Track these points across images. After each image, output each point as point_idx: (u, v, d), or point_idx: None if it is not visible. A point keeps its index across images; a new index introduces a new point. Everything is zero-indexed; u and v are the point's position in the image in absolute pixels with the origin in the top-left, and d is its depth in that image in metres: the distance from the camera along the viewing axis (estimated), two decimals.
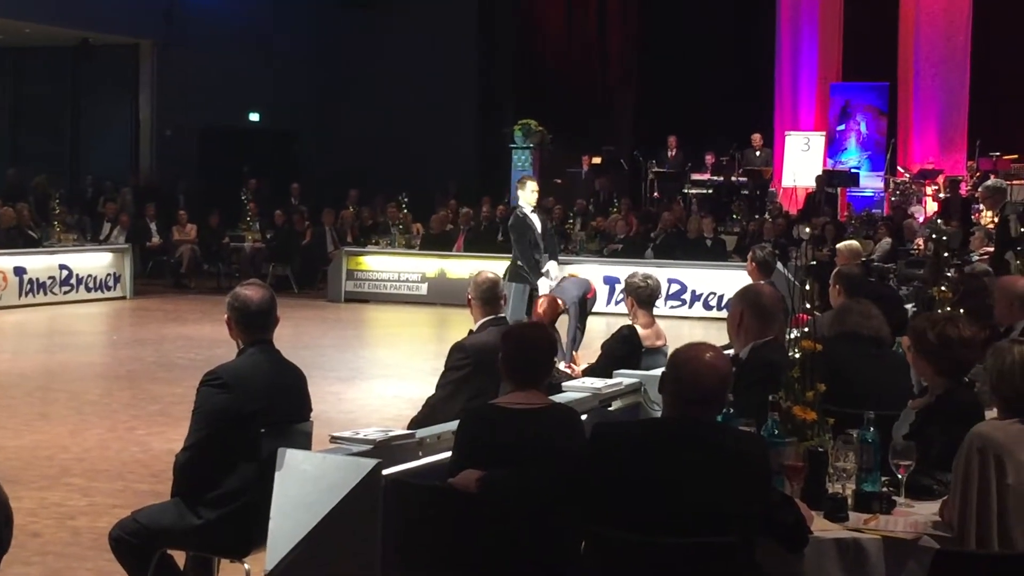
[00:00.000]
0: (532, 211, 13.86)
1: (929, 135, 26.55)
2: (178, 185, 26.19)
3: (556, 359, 5.54)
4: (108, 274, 20.34)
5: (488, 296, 7.31)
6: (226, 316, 5.66)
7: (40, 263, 19.36)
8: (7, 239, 19.54)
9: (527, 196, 13.91)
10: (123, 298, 20.37)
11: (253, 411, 5.39)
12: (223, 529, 5.38)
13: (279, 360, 5.71)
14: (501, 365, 5.25)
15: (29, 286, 19.04)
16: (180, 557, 5.69)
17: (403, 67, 28.25)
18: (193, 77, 26.39)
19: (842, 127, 26.86)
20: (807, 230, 19.41)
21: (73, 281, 19.75)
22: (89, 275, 20.02)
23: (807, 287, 5.68)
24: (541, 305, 10.31)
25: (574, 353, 13.12)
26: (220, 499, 5.38)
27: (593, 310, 19.43)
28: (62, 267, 19.63)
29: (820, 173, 25.15)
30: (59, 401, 11.86)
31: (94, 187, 26.33)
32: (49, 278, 19.39)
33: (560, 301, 10.87)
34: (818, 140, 26.63)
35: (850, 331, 6.41)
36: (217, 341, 14.25)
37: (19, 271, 18.91)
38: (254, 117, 28.90)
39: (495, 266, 15.31)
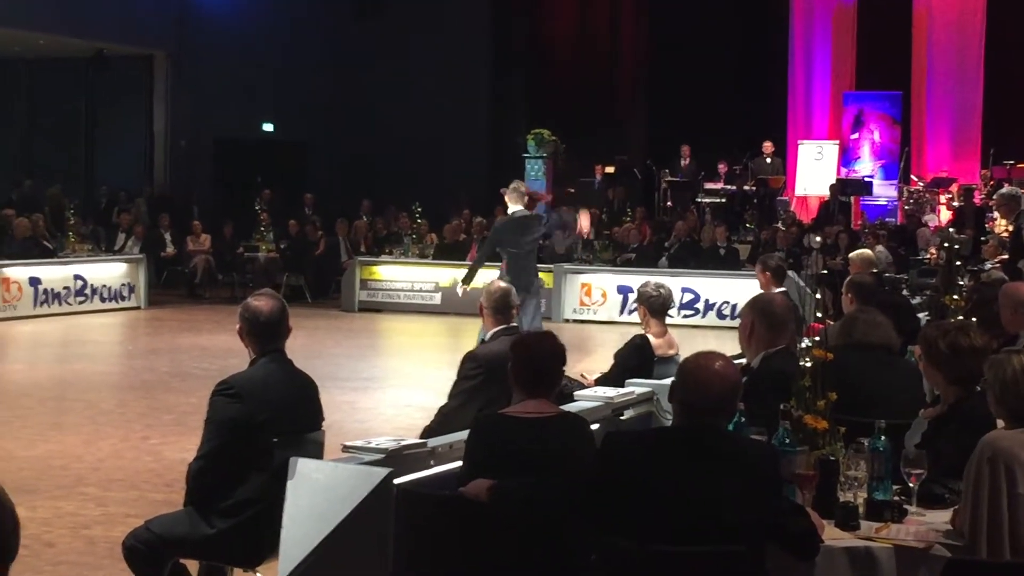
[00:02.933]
0: None
1: (943, 144, 26.52)
2: (192, 195, 26.26)
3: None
4: (122, 284, 20.40)
5: (500, 306, 7.32)
6: (238, 326, 5.69)
7: (55, 273, 19.42)
8: (22, 250, 19.61)
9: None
10: (137, 308, 20.42)
11: (265, 420, 5.41)
12: (235, 538, 5.40)
13: (291, 370, 5.74)
14: (510, 374, 5.26)
15: (44, 296, 19.11)
16: (193, 566, 5.72)
17: (416, 77, 28.29)
18: (207, 88, 26.48)
19: (855, 136, 26.83)
20: (817, 239, 19.35)
21: (88, 291, 19.81)
22: (104, 285, 20.08)
23: (819, 296, 5.68)
24: None
25: None
26: (232, 508, 5.40)
27: (606, 319, 19.51)
28: (77, 277, 19.69)
29: (834, 182, 25.13)
30: (73, 411, 11.89)
31: (108, 198, 26.41)
32: (64, 288, 19.45)
33: None
34: (831, 149, 26.61)
35: (857, 341, 6.41)
36: (231, 351, 14.27)
37: (34, 281, 18.98)
38: (268, 128, 28.97)
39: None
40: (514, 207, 13.44)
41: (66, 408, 12.13)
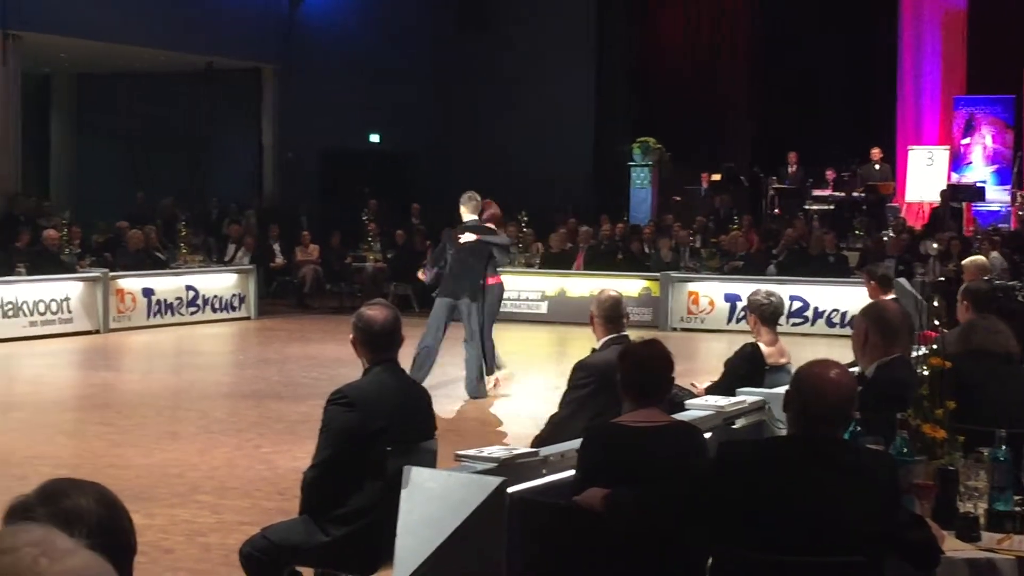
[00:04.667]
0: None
1: None
2: (300, 206, 26.54)
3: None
4: (233, 295, 20.67)
5: (611, 314, 7.29)
6: (351, 336, 5.73)
7: (168, 284, 19.74)
8: (136, 261, 19.96)
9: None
10: (248, 318, 20.67)
11: (379, 429, 5.45)
12: (350, 546, 5.45)
13: (404, 379, 5.78)
14: (619, 384, 5.25)
15: (157, 307, 19.43)
16: (308, 574, 5.77)
17: (520, 86, 28.37)
18: (314, 100, 26.75)
19: (967, 141, 26.40)
20: (934, 246, 19.05)
21: (199, 302, 20.10)
22: (215, 296, 20.36)
23: (935, 303, 5.60)
24: None
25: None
26: (347, 516, 5.45)
27: (713, 327, 19.38)
28: (189, 288, 19.99)
29: (945, 188, 24.76)
30: (188, 420, 12.07)
31: (219, 209, 26.78)
32: (176, 299, 19.75)
33: None
34: (942, 154, 26.22)
35: (977, 348, 6.30)
36: (340, 360, 14.42)
37: (147, 292, 19.31)
38: (374, 138, 29.20)
39: (616, 284, 15.34)
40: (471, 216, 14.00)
41: (180, 417, 12.32)
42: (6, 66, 22.17)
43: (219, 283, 20.62)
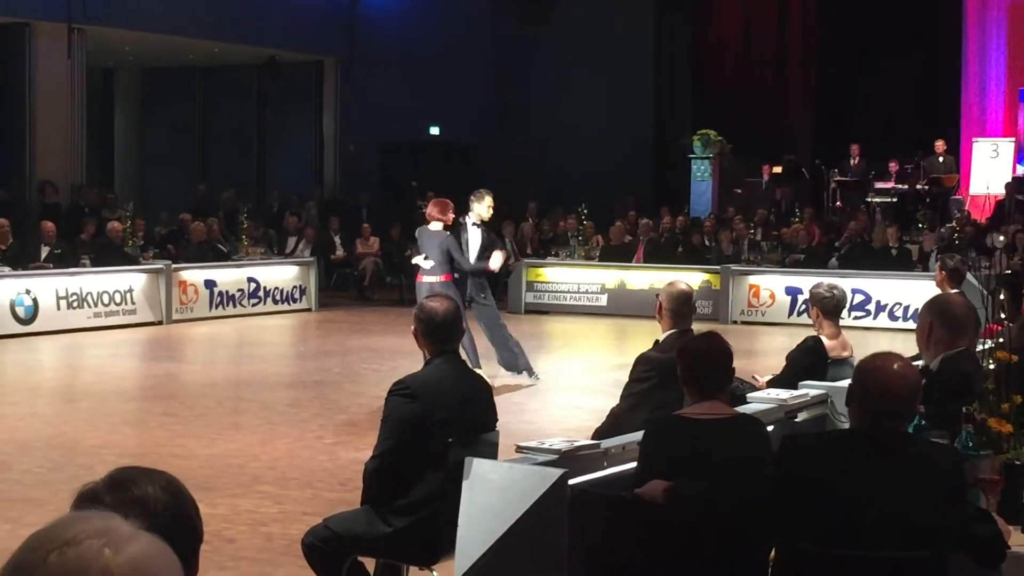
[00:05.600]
0: (475, 224, 13.95)
1: None
2: (361, 199, 26.65)
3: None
4: (294, 287, 20.78)
5: (681, 309, 7.21)
6: (413, 328, 5.77)
7: (229, 276, 19.88)
8: (198, 253, 20.13)
9: (481, 210, 13.96)
10: (308, 310, 20.77)
11: (441, 420, 5.47)
12: (412, 537, 5.47)
13: (465, 371, 5.80)
14: (681, 379, 5.24)
15: (219, 298, 19.57)
16: (370, 564, 5.80)
17: (580, 79, 28.29)
18: (375, 92, 26.85)
19: None
20: (1001, 239, 18.83)
21: (261, 293, 20.22)
22: (276, 288, 20.48)
23: (1001, 297, 5.55)
24: None
25: None
26: (409, 507, 5.48)
27: (774, 320, 19.29)
28: (250, 280, 20.12)
29: (1010, 180, 24.48)
30: (249, 411, 12.15)
31: (280, 202, 26.92)
32: (238, 291, 19.89)
33: None
34: (1007, 146, 25.91)
35: None
36: (400, 352, 14.47)
37: (209, 284, 19.45)
38: (434, 131, 29.24)
39: (676, 277, 15.23)
40: (472, 215, 14.01)
41: (242, 408, 12.41)
42: (71, 60, 22.41)
43: (280, 275, 20.74)
